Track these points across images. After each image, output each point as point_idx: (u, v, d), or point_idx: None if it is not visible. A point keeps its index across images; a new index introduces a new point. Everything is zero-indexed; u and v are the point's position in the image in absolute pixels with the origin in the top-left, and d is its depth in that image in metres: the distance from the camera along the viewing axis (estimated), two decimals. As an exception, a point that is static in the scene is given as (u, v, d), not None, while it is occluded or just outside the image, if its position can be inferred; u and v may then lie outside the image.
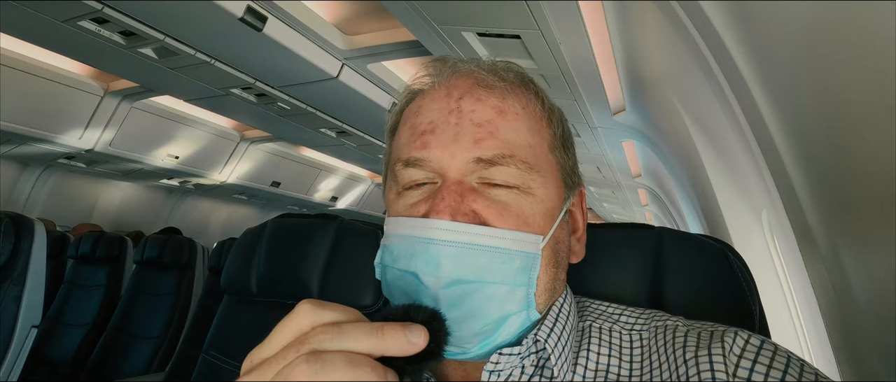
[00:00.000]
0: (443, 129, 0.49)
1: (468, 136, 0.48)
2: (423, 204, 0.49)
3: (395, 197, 0.52)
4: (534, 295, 0.48)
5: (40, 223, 1.82)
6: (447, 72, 0.54)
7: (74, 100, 3.07)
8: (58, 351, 2.89)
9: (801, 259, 1.01)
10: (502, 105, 0.51)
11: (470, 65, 0.54)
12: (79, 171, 4.20)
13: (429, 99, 0.53)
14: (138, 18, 2.00)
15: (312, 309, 0.36)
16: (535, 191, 0.50)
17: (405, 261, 0.47)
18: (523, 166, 0.49)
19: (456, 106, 0.50)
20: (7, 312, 1.64)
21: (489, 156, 0.48)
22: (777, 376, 0.42)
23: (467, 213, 0.47)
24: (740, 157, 1.41)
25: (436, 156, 0.48)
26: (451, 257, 0.45)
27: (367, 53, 2.27)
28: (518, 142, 0.49)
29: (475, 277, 0.45)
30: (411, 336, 0.36)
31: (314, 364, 0.33)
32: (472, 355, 0.48)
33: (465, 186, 0.48)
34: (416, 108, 0.53)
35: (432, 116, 0.51)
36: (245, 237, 1.03)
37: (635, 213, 6.38)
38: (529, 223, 0.48)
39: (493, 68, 0.54)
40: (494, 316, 0.46)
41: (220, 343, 1.01)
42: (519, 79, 0.55)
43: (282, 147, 4.61)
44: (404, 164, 0.50)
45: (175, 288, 2.90)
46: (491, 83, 0.51)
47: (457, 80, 0.53)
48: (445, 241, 0.45)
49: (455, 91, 0.52)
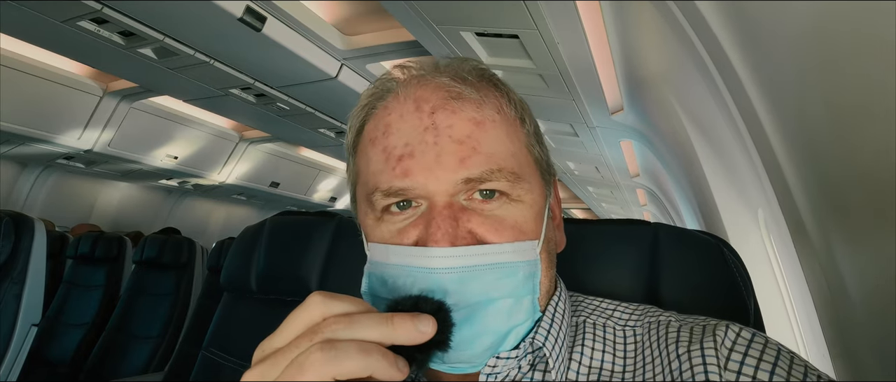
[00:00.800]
0: (422, 151, 0.46)
1: (451, 156, 0.45)
2: (413, 230, 0.47)
3: (374, 223, 0.49)
4: (537, 300, 0.48)
5: (40, 222, 1.83)
6: (408, 81, 0.50)
7: (73, 100, 3.07)
8: (57, 351, 2.89)
9: (797, 256, 1.02)
10: (479, 114, 0.48)
11: (434, 73, 0.51)
12: (78, 172, 4.20)
13: (396, 114, 0.49)
14: (138, 18, 2.00)
15: (324, 300, 0.37)
16: (524, 198, 0.49)
17: (405, 292, 0.45)
18: (511, 177, 0.47)
19: (430, 121, 0.47)
20: (7, 310, 1.64)
21: (477, 175, 0.46)
22: (768, 368, 0.42)
23: (465, 236, 0.45)
24: (737, 156, 1.42)
25: (419, 182, 0.46)
26: (456, 282, 0.44)
27: (366, 54, 2.27)
28: (501, 153, 0.47)
29: (482, 297, 0.45)
30: (420, 326, 0.37)
31: (328, 351, 0.34)
32: (481, 366, 0.47)
33: (455, 208, 0.46)
34: (384, 127, 0.49)
35: (406, 136, 0.47)
36: (245, 234, 1.03)
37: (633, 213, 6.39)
38: (524, 231, 0.48)
39: (458, 73, 0.50)
40: (503, 329, 0.46)
41: (220, 340, 1.01)
42: (485, 79, 0.52)
43: (281, 147, 4.61)
44: (385, 194, 0.47)
45: (174, 287, 2.91)
46: (463, 92, 0.48)
47: (424, 92, 0.49)
48: (448, 268, 0.44)
49: (425, 104, 0.48)
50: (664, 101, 1.86)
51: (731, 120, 1.13)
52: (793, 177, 0.89)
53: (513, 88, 0.56)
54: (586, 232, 0.73)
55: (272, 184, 5.12)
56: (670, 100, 1.78)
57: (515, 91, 0.56)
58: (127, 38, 2.15)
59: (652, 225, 0.73)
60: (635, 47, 1.72)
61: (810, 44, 0.68)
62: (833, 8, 0.61)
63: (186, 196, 5.46)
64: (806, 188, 0.86)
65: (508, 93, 0.53)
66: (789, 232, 1.01)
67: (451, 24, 1.70)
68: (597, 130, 2.80)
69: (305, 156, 4.98)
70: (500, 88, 0.53)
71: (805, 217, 0.89)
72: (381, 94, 0.52)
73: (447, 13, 1.63)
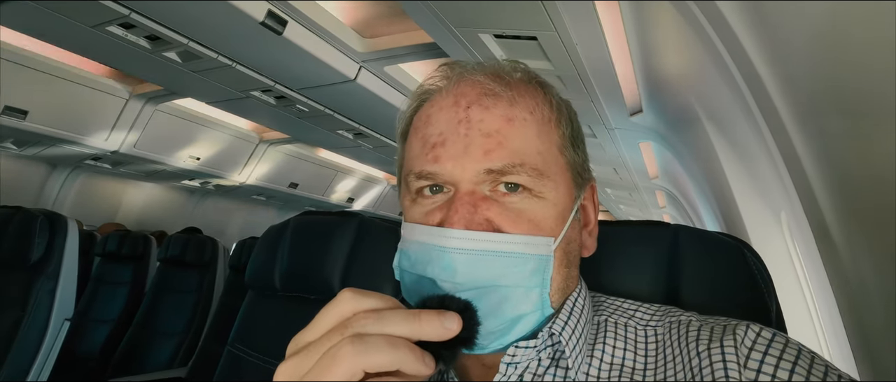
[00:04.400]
0: (453, 141, 0.50)
1: (478, 148, 0.49)
2: (438, 213, 0.50)
3: (410, 204, 0.54)
4: (548, 294, 0.49)
5: (73, 221, 1.90)
6: (454, 78, 0.54)
7: (101, 102, 3.15)
8: (86, 346, 2.99)
9: (820, 259, 1.00)
10: (510, 112, 0.51)
11: (476, 72, 0.54)
12: (104, 172, 4.31)
13: (437, 107, 0.53)
14: (163, 23, 2.06)
15: (354, 296, 0.39)
16: (547, 195, 0.50)
17: (422, 267, 0.49)
18: (534, 173, 0.49)
19: (465, 115, 0.51)
20: (42, 305, 1.71)
21: (499, 167, 0.48)
22: (787, 367, 0.43)
23: (481, 223, 0.48)
24: (759, 159, 1.40)
25: (447, 169, 0.49)
26: (465, 264, 0.46)
27: (384, 56, 2.29)
28: (527, 150, 0.50)
29: (490, 281, 0.47)
30: (446, 323, 0.39)
31: (358, 345, 0.36)
32: (489, 349, 0.49)
33: (477, 195, 0.49)
34: (426, 117, 0.54)
35: (441, 127, 0.51)
36: (269, 233, 1.06)
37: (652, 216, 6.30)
38: (541, 227, 0.50)
39: (499, 73, 0.54)
40: (509, 315, 0.48)
41: (245, 336, 1.04)
42: (526, 79, 0.55)
43: (299, 148, 4.67)
44: (417, 177, 0.51)
45: (197, 285, 2.98)
46: (498, 91, 0.51)
47: (464, 88, 0.53)
48: (460, 249, 0.46)
49: (463, 99, 0.52)
50: (684, 102, 1.84)
51: (752, 121, 1.12)
52: (816, 180, 0.88)
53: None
54: (606, 233, 0.73)
55: (291, 185, 5.18)
56: (690, 101, 1.77)
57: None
58: (153, 42, 2.21)
59: (672, 226, 0.73)
60: (654, 48, 1.71)
61: (828, 44, 0.68)
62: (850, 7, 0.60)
63: (208, 196, 5.56)
64: (829, 190, 0.85)
65: (550, 95, 0.56)
66: (813, 234, 1.00)
67: (469, 27, 1.71)
68: (615, 132, 2.78)
69: (324, 158, 5.03)
70: (541, 90, 0.55)
71: (828, 219, 0.88)
72: (431, 89, 0.56)
73: (465, 15, 1.64)
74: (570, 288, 0.54)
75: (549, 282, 0.50)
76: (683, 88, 1.76)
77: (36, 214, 1.82)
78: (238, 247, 2.74)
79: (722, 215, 2.32)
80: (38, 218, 1.79)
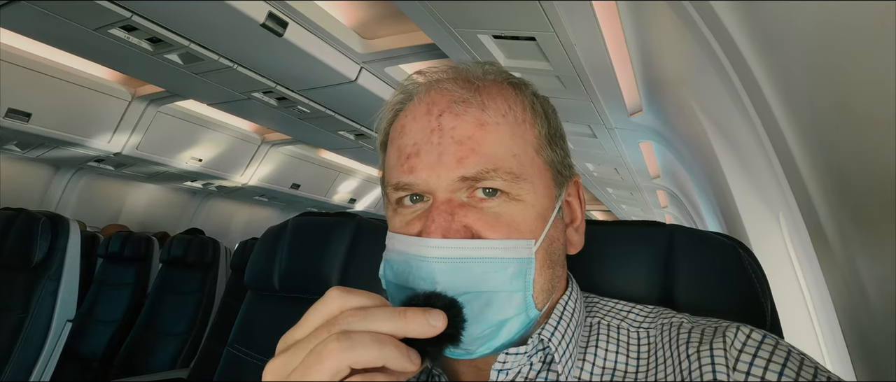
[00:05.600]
0: (427, 151, 0.50)
1: (451, 156, 0.49)
2: (418, 222, 0.51)
3: (392, 214, 0.54)
4: (531, 297, 0.49)
5: (75, 222, 1.91)
6: (425, 86, 0.54)
7: (104, 104, 3.18)
8: (89, 347, 3.00)
9: (817, 260, 1.00)
10: (482, 117, 0.50)
11: (445, 80, 0.54)
12: (107, 174, 4.34)
13: (410, 117, 0.53)
14: (165, 25, 2.07)
15: (341, 294, 0.40)
16: (525, 198, 0.50)
17: (404, 278, 0.49)
18: (509, 177, 0.49)
19: (437, 124, 0.50)
20: (44, 306, 1.73)
21: (473, 173, 0.48)
22: (776, 369, 0.43)
23: (459, 230, 0.48)
24: (757, 160, 1.40)
25: (422, 178, 0.49)
26: (445, 272, 0.46)
27: (385, 57, 2.30)
28: (501, 154, 0.49)
29: (471, 288, 0.47)
30: (431, 320, 0.40)
31: (344, 341, 0.36)
32: (478, 354, 0.50)
33: (454, 203, 0.49)
34: (401, 128, 0.53)
35: (415, 137, 0.51)
36: (268, 234, 1.07)
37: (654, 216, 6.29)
38: (521, 229, 0.49)
39: (468, 78, 0.53)
40: (494, 320, 0.48)
41: (244, 337, 1.05)
42: (499, 79, 0.55)
43: (301, 150, 4.68)
44: (394, 188, 0.52)
45: (199, 286, 2.99)
46: (467, 97, 0.51)
47: (435, 96, 0.52)
48: (439, 258, 0.47)
49: (434, 107, 0.51)
50: (683, 103, 1.84)
51: (749, 122, 1.12)
52: (812, 181, 0.88)
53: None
54: (601, 233, 0.73)
55: (293, 186, 5.20)
56: (689, 101, 1.77)
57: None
58: (155, 44, 2.23)
59: (667, 226, 0.73)
60: (653, 48, 1.71)
61: (823, 44, 0.68)
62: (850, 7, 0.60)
63: (210, 197, 5.58)
64: (825, 192, 0.85)
65: (523, 95, 0.55)
66: (809, 236, 1.00)
67: (468, 27, 1.71)
68: (615, 132, 2.78)
69: (325, 159, 5.04)
70: (513, 90, 0.55)
71: (824, 221, 0.88)
72: (404, 99, 0.56)
73: (464, 16, 1.64)
74: (558, 288, 0.54)
75: (532, 285, 0.49)
76: (682, 88, 1.76)
77: (38, 216, 1.83)
78: (239, 248, 2.75)
79: (722, 215, 2.31)
80: (41, 220, 1.81)
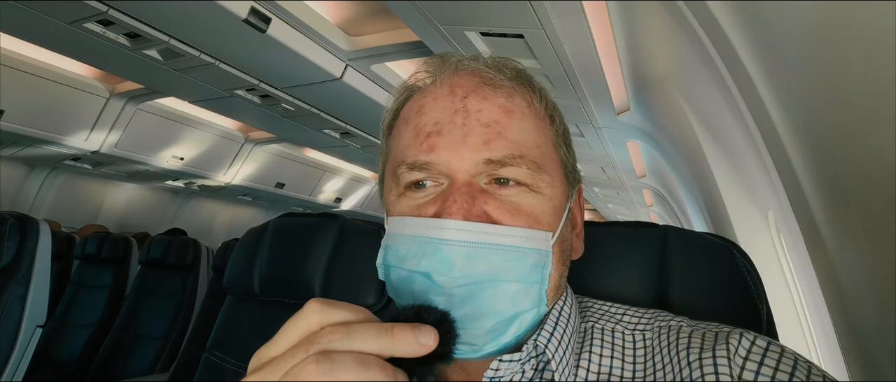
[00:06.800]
0: (450, 130, 0.48)
1: (477, 137, 0.47)
2: (432, 206, 0.48)
3: (396, 198, 0.51)
4: (545, 292, 0.48)
5: (45, 223, 1.83)
6: (449, 69, 0.53)
7: (80, 101, 3.09)
8: (64, 352, 2.91)
9: (809, 259, 0.99)
10: (509, 104, 0.49)
11: (472, 62, 0.53)
12: (85, 173, 4.23)
13: (431, 97, 0.51)
14: (143, 20, 2.01)
15: (322, 307, 0.36)
16: (544, 190, 0.49)
17: (415, 262, 0.46)
18: (533, 166, 0.48)
19: (462, 105, 0.49)
20: (12, 312, 1.65)
21: (499, 157, 0.47)
22: (784, 378, 0.41)
23: (480, 215, 0.46)
24: (747, 157, 1.40)
25: (444, 158, 0.47)
26: (464, 257, 0.44)
27: (371, 54, 2.27)
28: (526, 142, 0.49)
29: (489, 275, 0.45)
30: (421, 338, 0.35)
31: (324, 363, 0.32)
32: (483, 353, 0.47)
33: (475, 188, 0.47)
34: (418, 107, 0.51)
35: (437, 116, 0.49)
36: (248, 236, 1.03)
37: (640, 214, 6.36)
38: (540, 221, 0.48)
39: (496, 65, 0.52)
40: (508, 313, 0.46)
41: (223, 343, 1.01)
42: (520, 76, 0.54)
43: (286, 148, 4.62)
44: (409, 167, 0.49)
45: (180, 288, 2.92)
46: (496, 81, 0.50)
47: (460, 78, 0.51)
48: (459, 241, 0.44)
49: (459, 89, 0.50)
50: (672, 101, 1.84)
51: (741, 120, 1.11)
52: (805, 178, 0.87)
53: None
54: (594, 234, 0.71)
55: (278, 185, 5.13)
56: (678, 99, 1.76)
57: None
58: (133, 39, 2.16)
59: (660, 227, 0.72)
60: (642, 47, 1.70)
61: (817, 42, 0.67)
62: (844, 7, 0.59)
63: (192, 197, 5.48)
64: (818, 189, 0.84)
65: (542, 93, 0.55)
66: (801, 233, 0.99)
67: (455, 24, 1.69)
68: (603, 131, 2.79)
69: (311, 157, 4.99)
70: (531, 85, 0.54)
71: (818, 218, 0.87)
72: (419, 84, 0.55)
73: (452, 13, 1.62)
74: (562, 290, 0.53)
75: (548, 279, 0.48)
76: (671, 87, 1.76)
77: (5, 217, 1.75)
78: (221, 249, 2.69)
79: (709, 213, 2.32)
80: (8, 221, 1.73)
